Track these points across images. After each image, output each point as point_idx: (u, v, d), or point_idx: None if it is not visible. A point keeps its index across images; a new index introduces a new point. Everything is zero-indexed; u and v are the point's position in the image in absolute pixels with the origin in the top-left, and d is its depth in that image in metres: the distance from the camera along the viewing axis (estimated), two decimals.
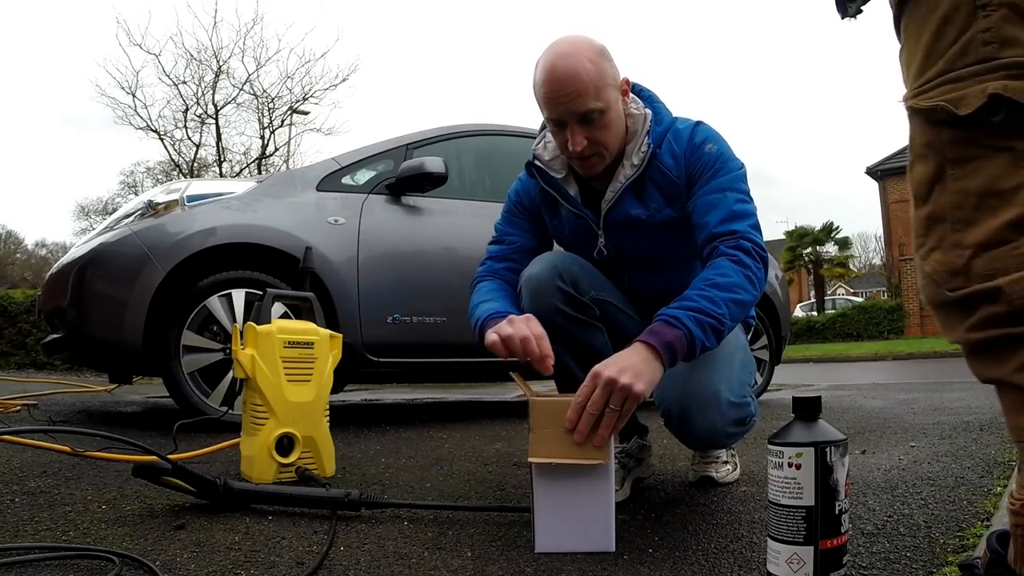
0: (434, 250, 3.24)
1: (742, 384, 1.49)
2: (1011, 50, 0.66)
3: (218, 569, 1.14)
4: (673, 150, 1.53)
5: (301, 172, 3.33)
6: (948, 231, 0.70)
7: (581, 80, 1.40)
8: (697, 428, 1.43)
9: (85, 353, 2.85)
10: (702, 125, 1.57)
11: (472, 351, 3.29)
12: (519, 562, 1.21)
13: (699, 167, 1.51)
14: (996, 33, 0.66)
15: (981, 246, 0.68)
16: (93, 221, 20.66)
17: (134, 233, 2.73)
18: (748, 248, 1.39)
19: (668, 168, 1.53)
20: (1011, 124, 0.66)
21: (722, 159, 1.51)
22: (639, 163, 1.52)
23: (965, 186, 0.68)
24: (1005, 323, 0.66)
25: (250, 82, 16.55)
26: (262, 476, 1.75)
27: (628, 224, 1.58)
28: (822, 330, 20.28)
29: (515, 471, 2.02)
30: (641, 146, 1.53)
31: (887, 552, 1.25)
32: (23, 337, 9.52)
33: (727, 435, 1.47)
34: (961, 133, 0.69)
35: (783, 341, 4.40)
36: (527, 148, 2.34)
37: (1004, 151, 0.66)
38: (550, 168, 1.61)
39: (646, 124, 1.54)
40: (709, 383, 1.42)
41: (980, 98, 0.66)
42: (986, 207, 0.67)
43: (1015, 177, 0.66)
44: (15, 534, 1.28)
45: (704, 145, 1.52)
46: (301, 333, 1.90)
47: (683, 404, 1.43)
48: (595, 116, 1.44)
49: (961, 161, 0.69)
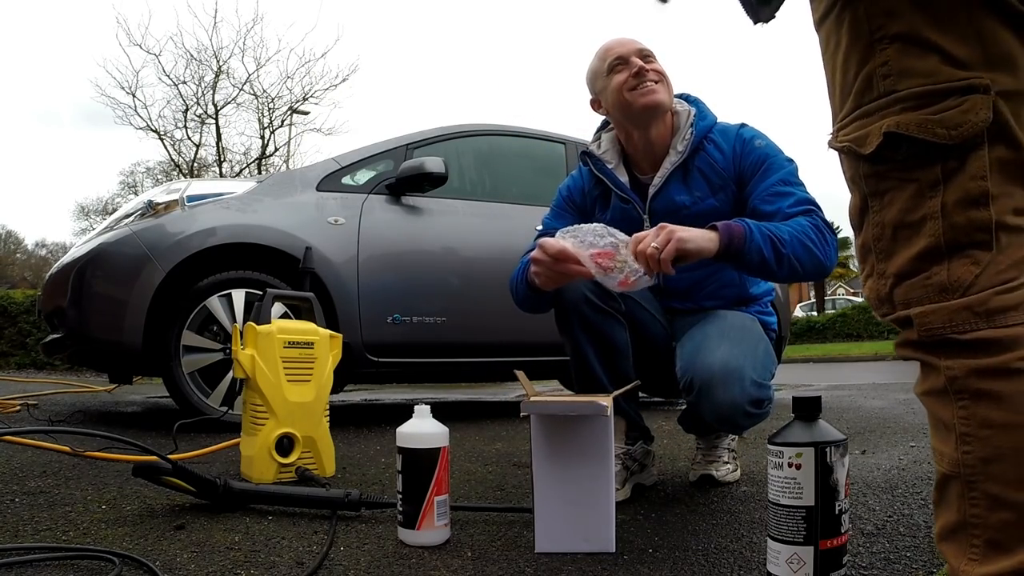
0: (434, 250, 3.24)
1: (765, 369, 1.52)
2: (907, 81, 0.67)
3: (218, 569, 1.14)
4: (720, 145, 1.64)
5: (301, 172, 3.33)
6: (875, 260, 0.74)
7: (640, 42, 1.67)
8: (718, 399, 1.43)
9: (85, 353, 2.85)
10: (748, 125, 1.68)
11: (472, 351, 3.30)
12: (519, 562, 1.21)
13: (752, 161, 1.60)
14: (893, 66, 0.68)
15: (899, 276, 0.71)
16: (93, 221, 20.69)
17: (134, 233, 2.73)
18: (822, 225, 1.46)
19: (715, 160, 1.63)
20: (912, 156, 0.68)
21: (776, 155, 1.60)
22: (683, 149, 1.64)
23: (882, 218, 0.72)
24: (918, 348, 0.70)
25: (250, 82, 16.55)
26: (262, 476, 1.75)
27: (672, 210, 1.64)
28: (822, 330, 20.28)
29: (515, 471, 2.02)
30: (685, 135, 1.65)
31: (887, 552, 1.25)
32: (23, 337, 9.53)
33: (745, 414, 1.46)
34: (872, 168, 0.71)
35: (783, 341, 4.40)
36: (527, 148, 2.36)
37: (911, 182, 0.69)
38: (603, 159, 1.74)
39: (690, 118, 1.67)
40: (735, 358, 1.45)
41: (877, 136, 0.68)
42: (901, 238, 0.70)
43: (922, 208, 0.68)
44: (15, 534, 1.28)
45: (754, 140, 1.62)
46: (301, 333, 1.90)
47: (709, 374, 1.44)
48: (653, 57, 1.65)
49: (878, 194, 0.72)
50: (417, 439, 1.31)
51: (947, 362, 0.68)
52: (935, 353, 0.69)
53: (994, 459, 0.66)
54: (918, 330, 0.69)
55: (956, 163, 0.66)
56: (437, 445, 1.31)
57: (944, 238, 0.67)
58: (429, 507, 1.28)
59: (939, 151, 0.66)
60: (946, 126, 0.65)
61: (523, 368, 1.46)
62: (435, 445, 1.31)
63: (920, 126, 0.66)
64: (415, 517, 1.28)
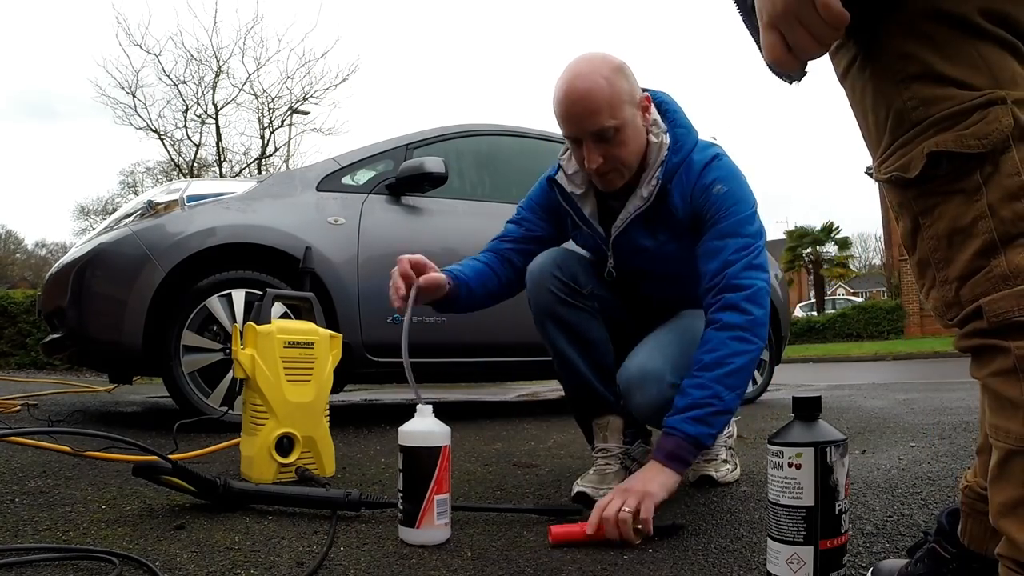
0: (434, 250, 3.22)
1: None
2: (935, 108, 0.77)
3: (218, 569, 1.14)
4: (683, 187, 1.53)
5: (301, 172, 3.33)
6: (935, 271, 0.81)
7: (595, 99, 1.42)
8: (636, 402, 1.53)
9: (85, 353, 2.85)
10: (718, 160, 1.54)
11: (472, 351, 3.30)
12: (519, 562, 1.21)
13: (706, 209, 1.51)
14: (919, 98, 0.78)
15: (962, 278, 0.78)
16: (93, 221, 20.69)
17: (134, 233, 2.73)
18: (734, 302, 1.42)
19: (675, 207, 1.54)
20: (953, 171, 0.77)
21: (729, 201, 1.50)
22: (648, 196, 1.53)
23: (936, 231, 0.80)
24: (986, 335, 0.77)
25: (250, 82, 16.57)
26: (262, 476, 1.75)
27: (636, 250, 1.61)
28: (822, 330, 20.29)
29: (515, 471, 2.02)
30: (651, 180, 1.53)
31: (887, 552, 1.25)
32: (23, 337, 9.53)
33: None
34: (919, 189, 0.80)
35: (783, 341, 4.40)
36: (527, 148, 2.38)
37: (956, 193, 0.77)
38: (572, 181, 1.63)
39: (661, 154, 1.53)
40: (654, 361, 1.51)
41: (921, 159, 0.77)
42: (956, 243, 0.78)
43: (971, 212, 0.76)
44: (15, 534, 1.28)
45: (712, 186, 1.51)
46: (301, 333, 1.90)
47: (629, 377, 1.53)
48: (610, 134, 1.44)
49: (927, 211, 0.80)
50: (419, 438, 1.31)
51: (1017, 343, 0.74)
52: (1005, 336, 0.75)
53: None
54: (988, 318, 0.75)
55: (991, 167, 0.75)
56: (438, 444, 1.31)
57: (996, 232, 0.75)
58: (429, 506, 1.28)
59: (975, 160, 0.75)
60: (977, 137, 0.75)
61: (523, 368, 1.49)
62: (436, 444, 1.31)
63: (956, 141, 0.75)
64: (415, 515, 1.28)
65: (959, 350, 0.82)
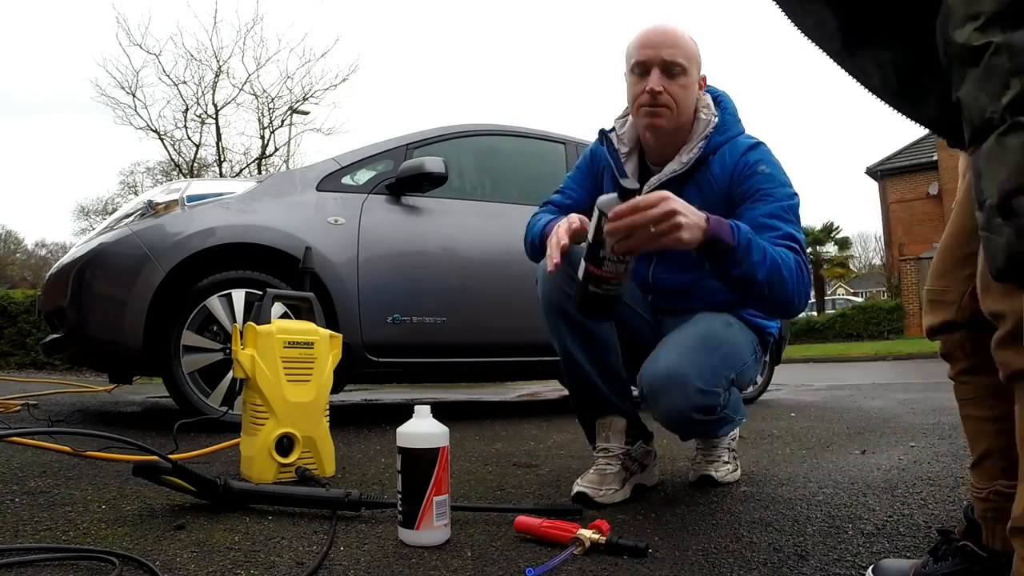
0: (434, 250, 3.24)
1: (716, 375, 1.50)
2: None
3: (218, 569, 1.14)
4: (724, 162, 1.59)
5: (301, 172, 3.33)
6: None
7: (679, 37, 1.59)
8: (662, 406, 1.48)
9: (85, 353, 2.85)
10: (764, 147, 1.62)
11: (472, 351, 3.30)
12: (519, 562, 1.21)
13: (748, 186, 1.54)
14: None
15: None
16: (93, 221, 20.67)
17: (134, 233, 2.73)
18: (803, 264, 1.43)
19: (714, 177, 1.59)
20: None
21: (776, 186, 1.53)
22: (687, 161, 1.61)
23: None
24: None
25: (250, 82, 16.59)
26: (262, 476, 1.75)
27: None
28: (822, 330, 20.27)
29: (515, 471, 2.02)
30: (694, 147, 1.61)
31: (887, 552, 1.25)
32: (23, 337, 9.51)
33: (692, 421, 1.48)
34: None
35: (783, 341, 4.40)
36: (527, 148, 2.37)
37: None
38: (620, 140, 1.71)
39: (706, 130, 1.62)
40: (680, 366, 1.46)
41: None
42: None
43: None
44: (15, 534, 1.28)
45: (757, 165, 1.56)
46: (301, 333, 1.90)
47: (654, 382, 1.48)
48: (677, 70, 1.57)
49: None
50: (417, 439, 1.31)
51: None
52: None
53: None
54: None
55: None
56: (437, 445, 1.31)
57: None
58: (428, 507, 1.28)
59: None
60: None
61: (523, 368, 1.48)
62: (435, 445, 1.31)
63: None
64: (414, 517, 1.28)
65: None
